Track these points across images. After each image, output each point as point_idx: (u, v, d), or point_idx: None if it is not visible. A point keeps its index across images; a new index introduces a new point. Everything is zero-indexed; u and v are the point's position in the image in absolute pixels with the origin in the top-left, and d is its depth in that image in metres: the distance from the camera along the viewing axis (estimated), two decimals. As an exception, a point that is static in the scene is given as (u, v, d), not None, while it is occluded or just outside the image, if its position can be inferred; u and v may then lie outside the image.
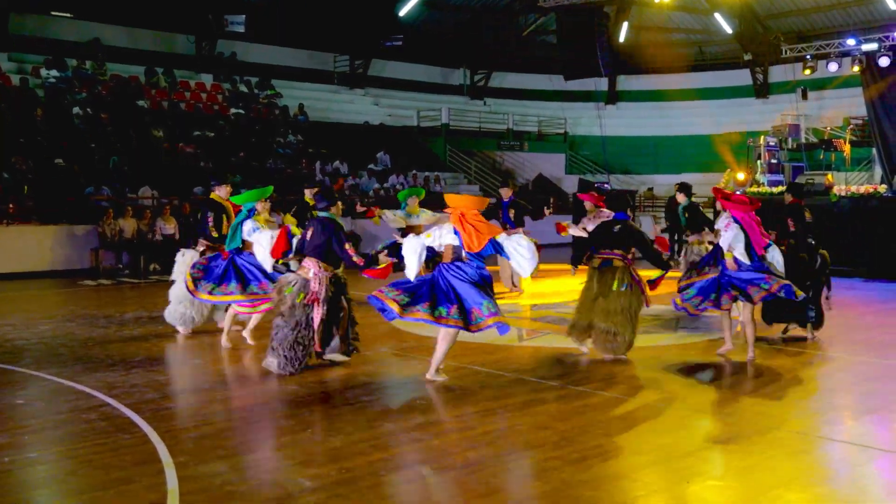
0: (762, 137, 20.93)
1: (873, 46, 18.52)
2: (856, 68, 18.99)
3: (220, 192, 8.65)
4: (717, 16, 28.83)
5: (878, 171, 20.72)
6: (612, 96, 32.10)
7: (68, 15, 23.18)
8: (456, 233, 6.68)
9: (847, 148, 20.12)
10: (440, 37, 29.36)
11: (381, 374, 7.29)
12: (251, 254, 8.18)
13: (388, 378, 7.17)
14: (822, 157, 20.37)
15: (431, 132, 27.96)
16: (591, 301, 7.74)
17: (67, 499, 4.39)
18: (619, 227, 7.78)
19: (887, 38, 18.41)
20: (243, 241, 8.22)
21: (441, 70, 31.42)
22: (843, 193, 15.43)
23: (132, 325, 9.88)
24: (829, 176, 17.66)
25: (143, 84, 22.70)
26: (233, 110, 23.62)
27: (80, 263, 15.98)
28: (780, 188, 16.23)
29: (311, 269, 7.04)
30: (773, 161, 20.06)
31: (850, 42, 19.21)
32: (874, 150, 20.84)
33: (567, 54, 30.82)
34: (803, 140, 22.41)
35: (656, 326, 9.59)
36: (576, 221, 8.89)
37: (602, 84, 31.35)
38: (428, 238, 6.83)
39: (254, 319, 8.48)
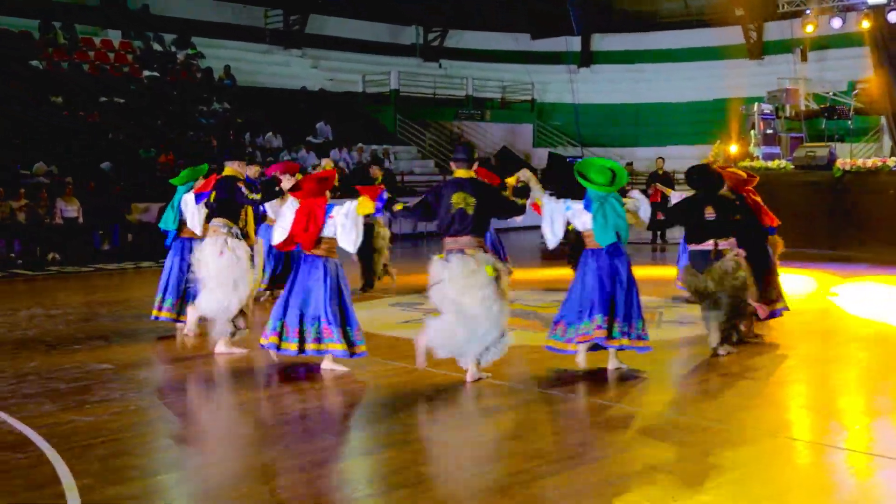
0: (756, 104, 21.18)
1: (882, -1, 18.77)
2: (863, 24, 19.24)
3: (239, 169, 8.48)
4: (706, -34, 29.13)
5: (887, 143, 21.09)
6: (586, 58, 32.23)
7: (-54, -41, 22.56)
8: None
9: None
10: (388, -12, 29.25)
11: (323, 379, 7.25)
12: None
13: (331, 383, 7.13)
14: (823, 126, 20.66)
15: (379, 99, 27.81)
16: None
17: (-52, 530, 4.28)
18: None
19: (898, -11, 18.68)
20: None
21: (389, 27, 31.26)
22: (847, 167, 15.68)
23: (25, 324, 9.69)
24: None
25: (36, 41, 22.19)
26: (146, 73, 23.23)
27: (-35, 253, 15.63)
28: (777, 162, 16.45)
29: None
30: (769, 131, 20.27)
31: (856, -6, 19.48)
32: (883, 119, 21.19)
33: (534, 9, 30.87)
34: (802, 107, 22.71)
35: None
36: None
37: (574, 44, 31.47)
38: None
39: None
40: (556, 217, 7.32)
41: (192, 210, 8.46)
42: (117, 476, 4.91)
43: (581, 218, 7.32)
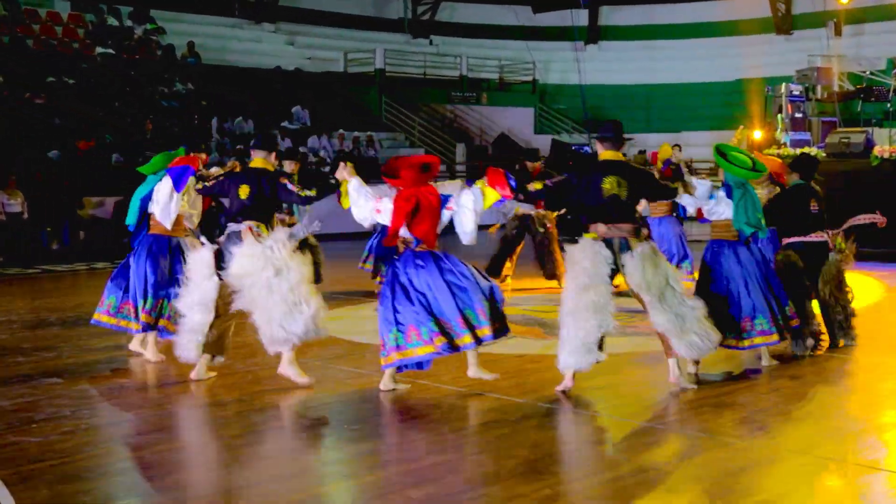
0: (784, 85, 21.22)
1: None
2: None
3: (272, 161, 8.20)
4: (728, -70, 29.20)
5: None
6: (594, 33, 32.27)
7: None
8: None
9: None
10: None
11: (300, 391, 7.23)
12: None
13: (309, 396, 7.12)
14: (859, 109, 20.69)
15: (363, 80, 27.79)
16: None
17: None
18: None
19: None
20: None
21: (374, -1, 31.28)
22: (886, 155, 15.71)
23: (-34, 333, 9.67)
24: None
25: (-25, 14, 22.14)
26: (99, 49, 23.18)
27: None
28: (807, 149, 16.47)
29: None
30: (798, 115, 20.32)
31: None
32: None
33: (537, -22, 30.90)
34: (836, 88, 22.75)
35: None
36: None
37: (581, 18, 31.49)
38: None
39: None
40: (693, 203, 7.77)
41: (164, 200, 8.15)
42: (68, 503, 4.88)
43: (720, 206, 7.70)
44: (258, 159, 7.69)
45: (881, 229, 8.67)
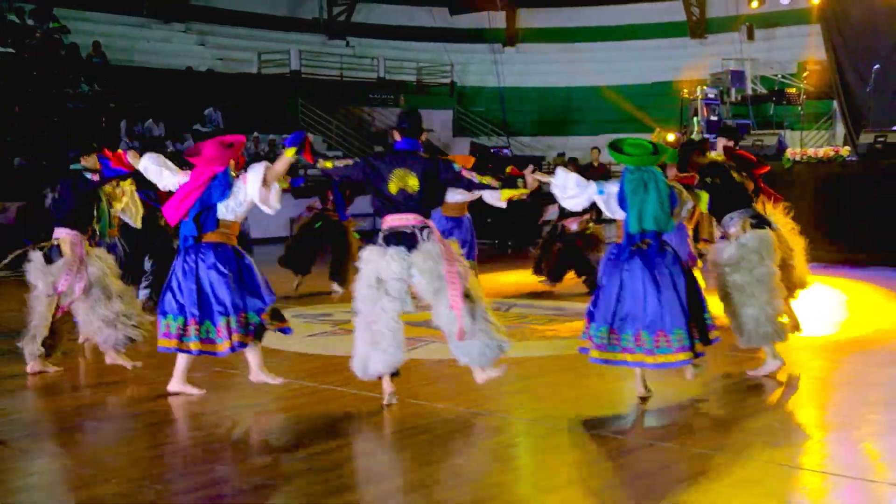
0: (699, 88, 21.68)
1: (832, -27, 19.37)
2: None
3: None
4: (643, -66, 29.71)
5: (840, 130, 21.80)
6: (512, 36, 32.51)
7: None
8: None
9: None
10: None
11: (211, 402, 7.15)
12: None
13: (223, 406, 7.04)
14: (772, 111, 21.24)
15: (278, 82, 27.59)
16: None
17: None
18: None
19: (849, -38, 19.29)
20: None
21: (288, -1, 31.12)
22: (797, 157, 16.12)
23: None
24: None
25: None
26: None
27: None
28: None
29: None
30: (713, 118, 20.79)
31: (806, -33, 20.09)
32: (835, 104, 21.91)
33: (454, -20, 31.06)
34: (749, 91, 23.33)
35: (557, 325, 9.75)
36: None
37: (499, 20, 31.72)
38: None
39: None
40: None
41: None
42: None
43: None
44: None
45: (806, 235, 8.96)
